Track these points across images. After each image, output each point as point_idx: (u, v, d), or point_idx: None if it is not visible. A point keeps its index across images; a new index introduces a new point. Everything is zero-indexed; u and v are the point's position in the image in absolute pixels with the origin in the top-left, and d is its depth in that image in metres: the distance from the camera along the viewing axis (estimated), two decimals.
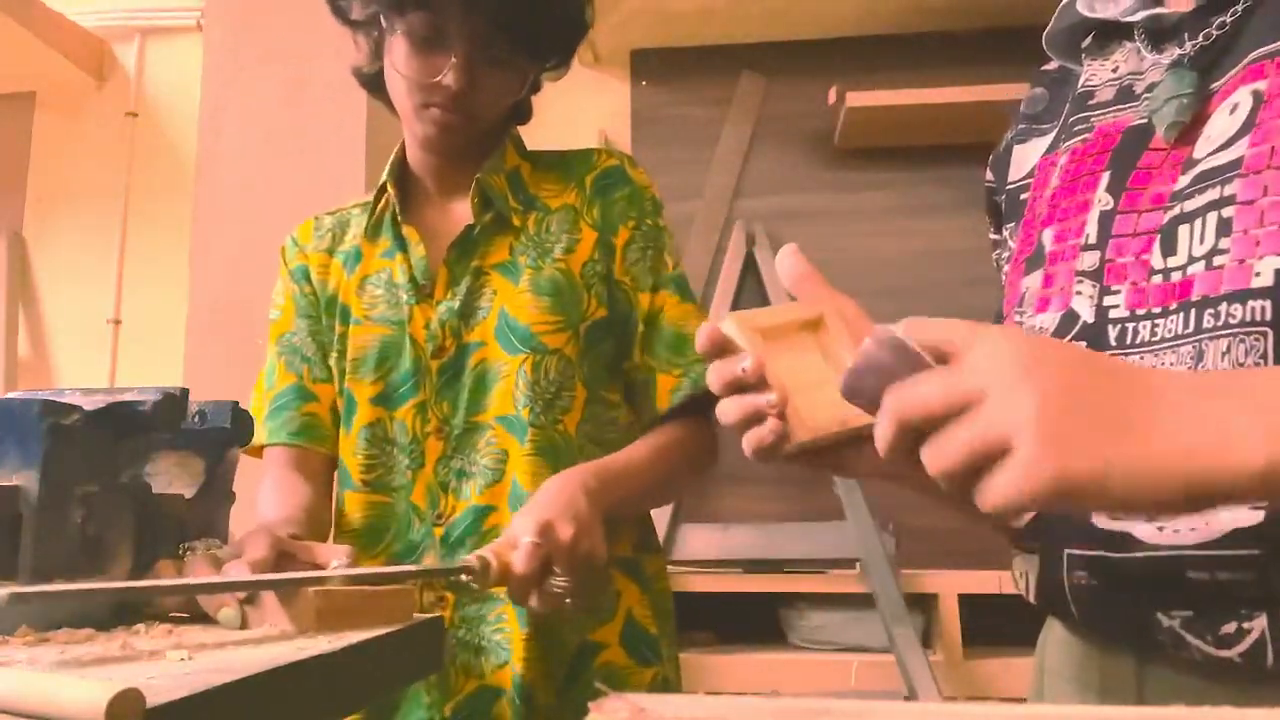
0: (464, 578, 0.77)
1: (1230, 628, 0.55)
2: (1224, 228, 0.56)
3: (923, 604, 1.94)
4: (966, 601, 1.89)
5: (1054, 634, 0.72)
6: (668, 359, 1.01)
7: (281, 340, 1.07)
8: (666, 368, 1.00)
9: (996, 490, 0.44)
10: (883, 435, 0.48)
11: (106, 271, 2.56)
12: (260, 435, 1.03)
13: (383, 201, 1.05)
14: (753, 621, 2.04)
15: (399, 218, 1.03)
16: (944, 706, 0.34)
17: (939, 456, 0.46)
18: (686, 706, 0.33)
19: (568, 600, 0.81)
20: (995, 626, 1.86)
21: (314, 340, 1.06)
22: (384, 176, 1.05)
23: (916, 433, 0.47)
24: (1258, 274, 0.54)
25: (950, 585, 1.90)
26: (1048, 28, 0.76)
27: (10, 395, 0.73)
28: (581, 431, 0.99)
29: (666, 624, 1.04)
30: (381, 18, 0.97)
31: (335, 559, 0.77)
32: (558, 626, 0.95)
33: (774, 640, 2.04)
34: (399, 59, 0.96)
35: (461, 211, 1.03)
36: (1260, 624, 0.54)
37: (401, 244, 1.03)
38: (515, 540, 0.79)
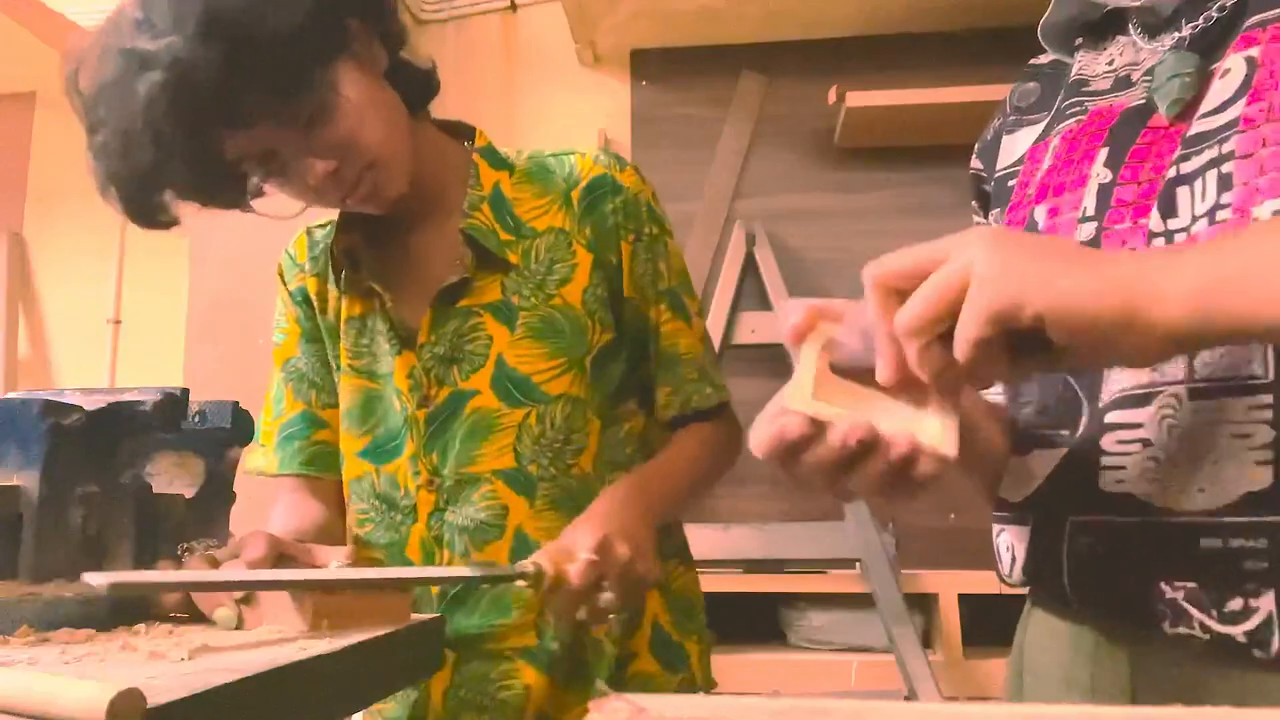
0: (519, 583, 0.75)
1: (1237, 604, 0.54)
2: (1224, 183, 0.57)
3: (923, 604, 1.94)
4: (966, 601, 1.89)
5: (1037, 629, 0.71)
6: (661, 375, 0.98)
7: (287, 366, 1.03)
8: (661, 382, 0.98)
9: (963, 325, 0.48)
10: (871, 299, 0.52)
11: (106, 271, 2.55)
12: (271, 464, 1.01)
13: (338, 262, 0.97)
14: (753, 621, 2.04)
15: (358, 273, 0.96)
16: (944, 706, 0.34)
17: (915, 303, 0.50)
18: (686, 706, 0.33)
19: (610, 615, 0.79)
20: (995, 626, 1.86)
21: (322, 364, 1.01)
22: (334, 228, 0.98)
23: (899, 298, 0.51)
24: (1256, 219, 0.55)
25: (950, 585, 1.90)
26: (1043, 19, 0.76)
27: (10, 395, 0.73)
28: (599, 462, 0.94)
29: (690, 622, 1.01)
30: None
31: (335, 560, 0.77)
32: (586, 665, 0.93)
33: (774, 640, 2.04)
34: (276, 211, 0.91)
35: (441, 249, 0.95)
36: (1268, 603, 0.53)
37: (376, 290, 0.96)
38: (571, 552, 0.77)
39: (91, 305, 2.55)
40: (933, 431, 0.53)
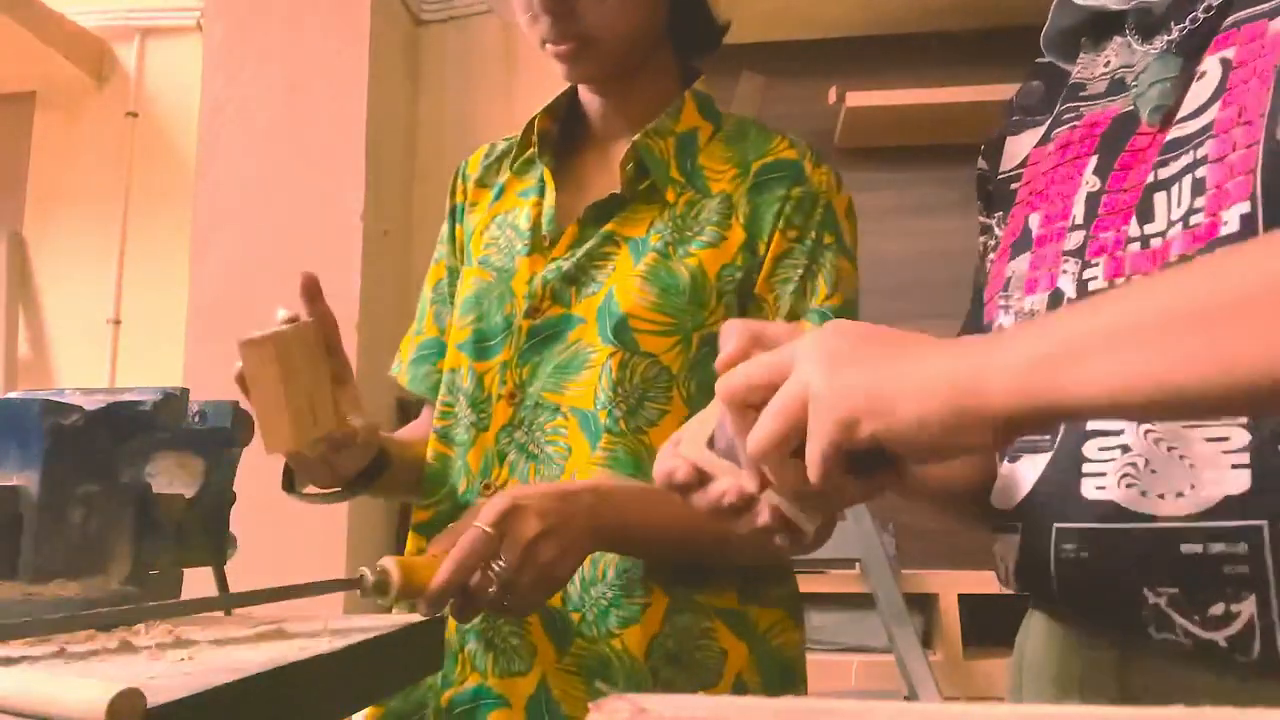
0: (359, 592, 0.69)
1: (1218, 609, 0.54)
2: (1198, 188, 0.57)
3: (923, 604, 1.94)
4: (966, 601, 1.89)
5: (1033, 630, 0.72)
6: None
7: (438, 287, 1.04)
8: None
9: (809, 451, 0.50)
10: (726, 414, 0.55)
11: (106, 271, 2.55)
12: (404, 376, 1.04)
13: (534, 134, 0.98)
14: None
15: (543, 156, 0.96)
16: (944, 706, 0.34)
17: (761, 429, 0.52)
18: (686, 706, 0.33)
19: (491, 590, 0.71)
20: (995, 626, 1.86)
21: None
22: (539, 114, 0.98)
23: (752, 412, 0.53)
24: (1225, 223, 0.55)
25: (950, 585, 1.90)
26: (1045, 28, 0.77)
27: (10, 395, 0.73)
28: None
29: (788, 689, 0.90)
30: None
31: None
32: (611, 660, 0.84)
33: None
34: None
35: (613, 172, 0.94)
36: (1249, 607, 0.54)
37: (543, 186, 0.96)
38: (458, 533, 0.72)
39: (91, 305, 2.55)
40: (799, 506, 0.56)
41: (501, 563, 0.72)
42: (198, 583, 0.90)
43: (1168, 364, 0.43)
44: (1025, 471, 0.66)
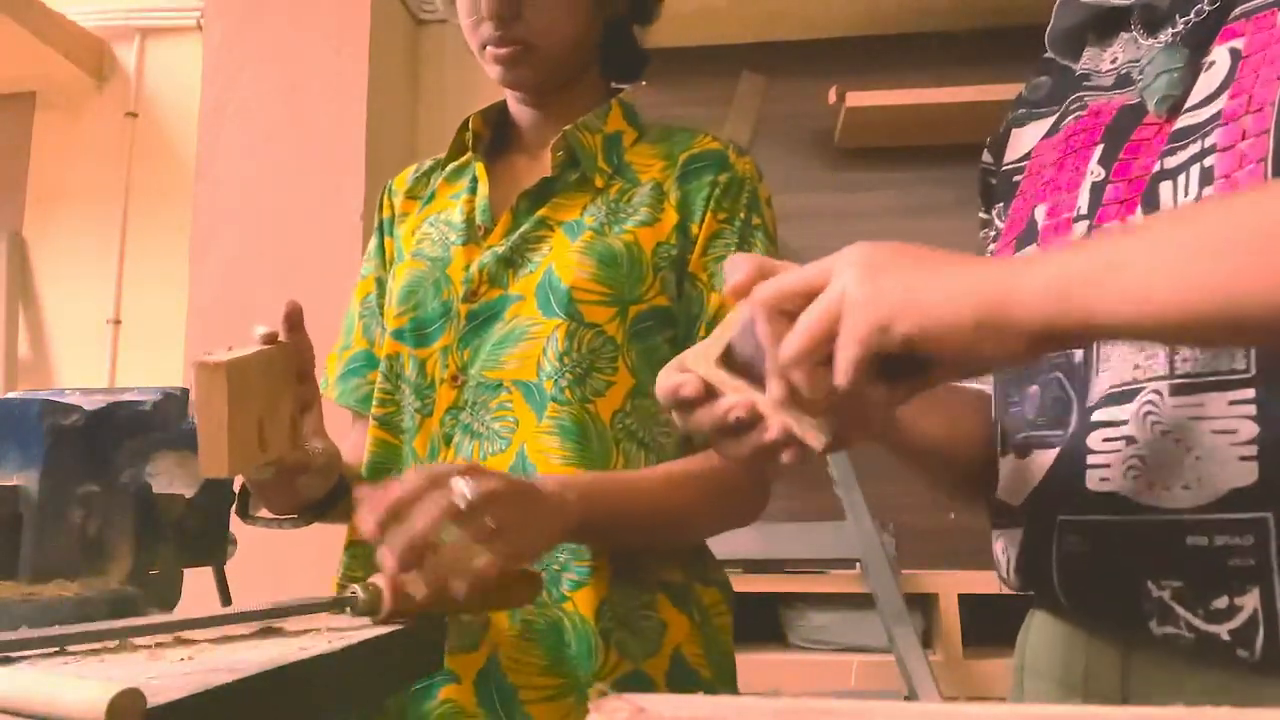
0: (348, 610, 0.69)
1: (1222, 602, 0.54)
2: (1206, 177, 0.57)
3: (923, 604, 1.94)
4: (966, 601, 1.89)
5: (1035, 630, 0.72)
6: None
7: (366, 301, 1.06)
8: None
9: (839, 352, 0.51)
10: (758, 320, 0.55)
11: (106, 271, 2.55)
12: (332, 390, 1.04)
13: (466, 139, 1.02)
14: (753, 621, 2.04)
15: (475, 154, 1.00)
16: (944, 707, 0.34)
17: (795, 335, 0.52)
18: (686, 706, 0.33)
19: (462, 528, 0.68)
20: (995, 626, 1.86)
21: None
22: (472, 115, 1.02)
23: (785, 320, 0.54)
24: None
25: (950, 585, 1.90)
26: (1049, 27, 0.77)
27: (10, 395, 0.73)
28: (619, 423, 0.90)
29: (723, 667, 0.93)
30: None
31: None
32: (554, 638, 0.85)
33: (774, 640, 2.04)
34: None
35: (542, 172, 0.98)
36: (1252, 600, 0.53)
37: (475, 184, 0.99)
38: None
39: (91, 305, 2.55)
40: (809, 422, 0.57)
41: (466, 480, 0.68)
42: (198, 583, 0.90)
43: (1200, 283, 0.45)
44: (1035, 466, 0.66)
